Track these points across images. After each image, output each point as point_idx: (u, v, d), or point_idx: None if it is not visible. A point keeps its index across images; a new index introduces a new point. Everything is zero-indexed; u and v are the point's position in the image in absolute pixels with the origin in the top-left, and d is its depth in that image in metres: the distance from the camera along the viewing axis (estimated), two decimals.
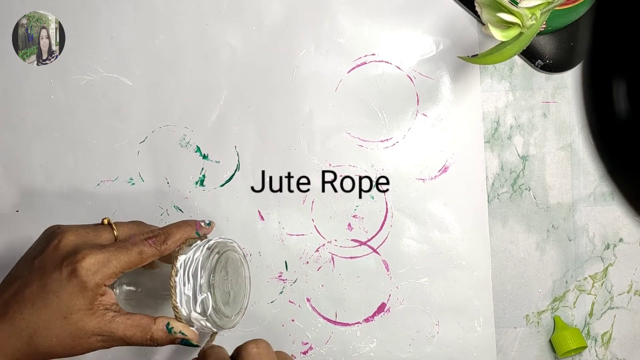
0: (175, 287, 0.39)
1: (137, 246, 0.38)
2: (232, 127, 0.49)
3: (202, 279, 0.40)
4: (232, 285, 0.44)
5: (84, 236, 0.38)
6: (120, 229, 0.40)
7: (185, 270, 0.40)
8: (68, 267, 0.36)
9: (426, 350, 0.48)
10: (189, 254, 0.40)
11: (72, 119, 0.50)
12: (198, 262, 0.40)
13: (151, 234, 0.39)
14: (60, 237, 0.37)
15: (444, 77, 0.48)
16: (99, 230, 0.39)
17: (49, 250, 0.37)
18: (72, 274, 0.36)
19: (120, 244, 0.38)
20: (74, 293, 0.36)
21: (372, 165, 0.48)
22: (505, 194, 0.48)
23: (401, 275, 0.48)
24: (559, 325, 0.47)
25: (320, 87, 0.49)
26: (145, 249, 0.38)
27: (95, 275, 0.36)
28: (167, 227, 0.41)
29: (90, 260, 0.36)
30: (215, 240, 0.42)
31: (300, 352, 0.48)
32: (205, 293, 0.40)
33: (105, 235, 0.39)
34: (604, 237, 0.48)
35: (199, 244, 0.41)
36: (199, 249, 0.41)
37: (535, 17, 0.37)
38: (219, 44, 0.49)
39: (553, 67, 0.48)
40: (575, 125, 0.48)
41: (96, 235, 0.39)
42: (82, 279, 0.35)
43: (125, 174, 0.49)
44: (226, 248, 0.43)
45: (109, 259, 0.37)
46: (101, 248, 0.37)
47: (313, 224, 0.48)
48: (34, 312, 0.35)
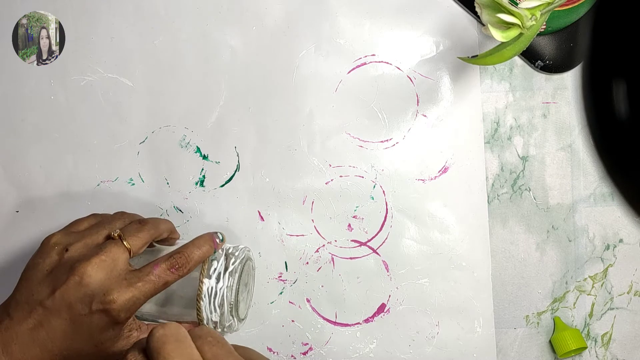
0: (202, 314, 0.41)
1: (162, 278, 0.39)
2: (232, 128, 0.49)
3: (228, 309, 0.41)
4: (244, 289, 0.45)
5: (104, 268, 0.38)
6: (132, 243, 0.40)
7: (211, 301, 0.41)
8: (99, 307, 0.37)
9: (426, 350, 0.48)
10: (212, 282, 0.41)
11: (72, 119, 0.50)
12: (223, 293, 0.41)
13: (173, 261, 0.40)
14: (80, 273, 0.37)
15: (443, 78, 0.48)
16: (113, 253, 0.39)
17: (69, 285, 0.37)
18: (103, 313, 0.37)
19: (145, 278, 0.38)
20: (105, 328, 0.37)
21: (372, 166, 0.48)
22: (505, 194, 0.48)
23: (401, 276, 0.48)
24: (559, 326, 0.47)
25: (320, 88, 0.49)
26: (169, 279, 0.39)
27: (126, 312, 0.38)
28: (186, 248, 0.41)
29: (121, 301, 0.37)
30: (233, 265, 0.42)
31: (300, 353, 0.48)
32: (231, 320, 0.42)
33: (122, 258, 0.39)
34: (604, 238, 0.48)
35: (218, 267, 0.42)
36: (221, 277, 0.41)
37: (535, 17, 0.37)
38: (219, 45, 0.49)
39: (553, 68, 0.48)
40: (575, 125, 0.48)
41: (113, 261, 0.38)
42: (114, 318, 0.37)
43: (125, 174, 0.49)
44: (243, 263, 0.43)
45: (138, 296, 0.38)
46: (128, 285, 0.38)
47: (313, 225, 0.48)
48: (66, 342, 0.37)
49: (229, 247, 0.44)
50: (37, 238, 0.49)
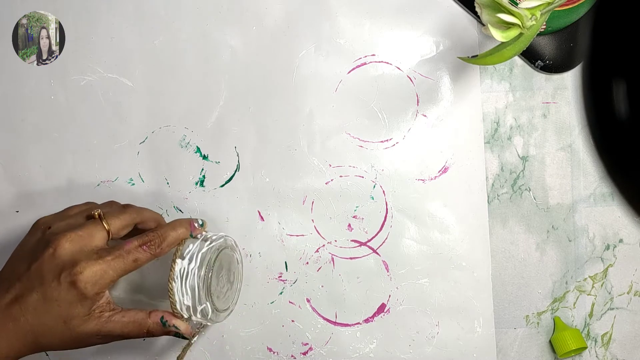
0: (174, 297, 0.40)
1: (132, 254, 0.39)
2: (232, 128, 0.49)
3: (201, 291, 0.40)
4: (226, 280, 0.44)
5: (78, 242, 0.38)
6: (111, 223, 0.40)
7: (183, 282, 0.40)
8: (67, 279, 0.37)
9: (426, 350, 0.48)
10: (184, 263, 0.40)
11: (72, 119, 0.50)
12: (194, 274, 0.40)
13: (146, 238, 0.40)
14: (55, 245, 0.38)
15: (443, 78, 0.48)
16: (91, 229, 0.39)
17: (44, 257, 0.38)
18: (71, 285, 0.37)
19: (116, 252, 0.39)
20: (74, 302, 0.37)
21: (372, 166, 0.48)
22: (505, 194, 0.48)
23: (401, 276, 0.48)
24: (559, 326, 0.47)
25: (320, 88, 0.49)
26: (140, 256, 0.39)
27: (94, 286, 0.37)
28: (161, 229, 0.41)
29: (88, 272, 0.37)
30: (208, 246, 0.42)
31: (300, 353, 0.48)
32: (205, 303, 0.41)
33: (98, 235, 0.39)
34: (604, 238, 0.48)
35: (192, 249, 0.41)
36: (194, 257, 0.41)
37: (535, 17, 0.37)
38: (219, 45, 0.49)
39: (553, 68, 0.48)
40: (575, 125, 0.48)
41: (90, 236, 0.39)
42: (81, 290, 0.37)
43: (125, 174, 0.49)
44: (220, 248, 0.42)
45: (106, 270, 0.38)
46: (97, 258, 0.38)
47: (313, 225, 0.48)
48: (37, 317, 0.37)
49: (209, 234, 0.43)
50: None
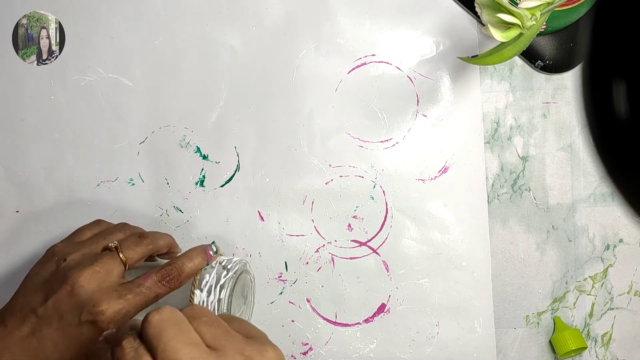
0: None
1: (153, 290, 0.38)
2: (232, 128, 0.49)
3: None
4: (241, 298, 0.44)
5: (97, 279, 0.37)
6: (128, 256, 0.40)
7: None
8: (88, 318, 0.37)
9: (426, 350, 0.48)
10: (203, 295, 0.40)
11: (72, 119, 0.50)
12: (214, 308, 0.40)
13: (164, 272, 0.39)
14: (72, 282, 0.37)
15: (443, 78, 0.48)
16: (108, 264, 0.38)
17: (62, 294, 0.37)
18: (92, 324, 0.37)
19: (136, 289, 0.38)
20: (95, 339, 0.37)
21: (372, 166, 0.48)
22: (505, 194, 0.48)
23: (401, 276, 0.48)
24: (559, 326, 0.47)
25: (320, 88, 0.49)
26: (161, 292, 0.39)
27: (115, 324, 0.37)
28: (178, 260, 0.40)
29: (110, 312, 0.37)
30: (225, 277, 0.41)
31: (300, 353, 0.48)
32: None
33: (116, 271, 0.39)
34: (604, 238, 0.48)
35: (210, 280, 0.41)
36: (212, 290, 0.41)
37: (535, 17, 0.37)
38: (219, 45, 0.49)
39: (553, 68, 0.48)
40: (575, 126, 0.48)
41: (108, 272, 0.38)
42: (102, 328, 0.37)
43: (125, 174, 0.49)
44: (236, 277, 0.42)
45: (127, 308, 0.37)
46: (118, 297, 0.37)
47: (313, 225, 0.48)
48: (56, 352, 0.37)
49: (223, 260, 0.43)
50: (37, 238, 0.49)
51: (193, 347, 0.28)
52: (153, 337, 0.29)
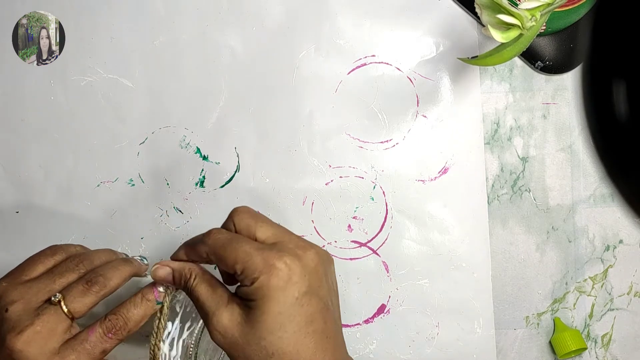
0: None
1: (98, 346, 0.35)
2: (232, 128, 0.49)
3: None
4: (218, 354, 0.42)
5: (37, 340, 0.34)
6: (73, 307, 0.36)
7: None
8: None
9: (426, 351, 0.48)
10: (164, 349, 0.37)
11: (72, 119, 0.50)
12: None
13: (109, 324, 0.36)
14: (11, 347, 0.34)
15: (443, 79, 0.48)
16: (50, 322, 0.35)
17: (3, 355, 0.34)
18: None
19: (79, 348, 0.35)
20: None
21: (372, 167, 0.48)
22: (505, 195, 0.48)
23: (401, 277, 0.48)
24: (559, 326, 0.47)
25: (320, 89, 0.49)
26: (107, 346, 0.36)
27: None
28: (123, 307, 0.37)
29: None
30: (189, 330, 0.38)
31: None
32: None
33: (59, 329, 0.35)
34: (604, 239, 0.48)
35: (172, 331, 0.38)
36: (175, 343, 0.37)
37: (535, 18, 0.37)
38: (219, 45, 0.49)
39: (553, 69, 0.48)
40: (575, 126, 0.48)
41: (50, 332, 0.35)
42: None
43: (125, 175, 0.49)
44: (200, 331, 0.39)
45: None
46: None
47: (313, 225, 0.48)
48: None
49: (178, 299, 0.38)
50: (37, 238, 0.49)
51: None
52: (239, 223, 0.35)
